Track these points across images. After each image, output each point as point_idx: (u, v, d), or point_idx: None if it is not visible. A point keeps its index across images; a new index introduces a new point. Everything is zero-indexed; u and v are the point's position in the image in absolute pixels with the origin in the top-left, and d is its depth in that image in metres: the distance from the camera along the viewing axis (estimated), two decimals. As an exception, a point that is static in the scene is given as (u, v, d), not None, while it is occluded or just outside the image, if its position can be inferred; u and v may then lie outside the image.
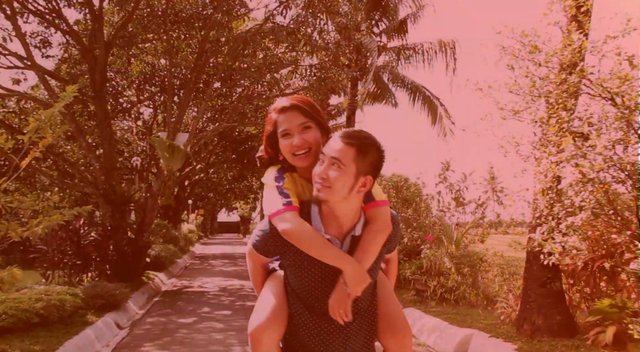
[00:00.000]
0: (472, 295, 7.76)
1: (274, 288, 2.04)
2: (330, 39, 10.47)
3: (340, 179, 1.79)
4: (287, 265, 1.99)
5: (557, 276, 5.53)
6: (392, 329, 2.01)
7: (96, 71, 11.18)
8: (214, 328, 7.10)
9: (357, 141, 1.80)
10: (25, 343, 5.08)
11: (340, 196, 1.81)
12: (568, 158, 3.62)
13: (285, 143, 1.95)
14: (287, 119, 1.96)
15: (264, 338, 1.89)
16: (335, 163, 1.79)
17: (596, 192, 3.64)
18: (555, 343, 5.03)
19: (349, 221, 1.90)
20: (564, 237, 3.88)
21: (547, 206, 4.09)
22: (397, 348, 1.99)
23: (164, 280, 12.49)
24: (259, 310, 1.97)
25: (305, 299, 1.96)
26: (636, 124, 3.64)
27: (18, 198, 4.83)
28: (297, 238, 1.85)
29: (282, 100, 2.03)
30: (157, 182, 10.88)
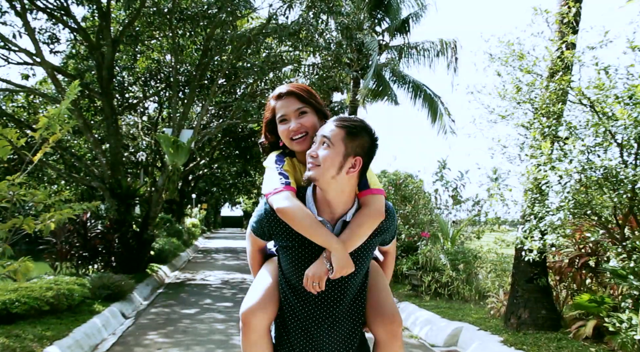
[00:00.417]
0: (465, 290, 8.02)
1: (269, 272, 2.09)
2: (332, 39, 10.68)
3: (329, 157, 1.84)
4: (280, 247, 2.02)
5: (544, 272, 5.78)
6: (381, 317, 2.01)
7: (103, 68, 11.43)
8: (215, 319, 7.38)
9: (347, 123, 1.87)
10: (37, 329, 5.37)
11: (329, 174, 1.85)
12: (546, 161, 3.86)
13: (283, 128, 2.02)
14: (284, 105, 2.02)
15: (254, 320, 1.93)
16: (325, 142, 1.85)
17: (575, 194, 3.88)
18: (540, 336, 5.29)
19: (341, 205, 1.92)
20: (544, 236, 4.12)
21: (529, 205, 4.33)
22: (386, 336, 2.00)
23: (167, 272, 12.78)
24: (252, 293, 2.02)
25: (293, 284, 1.99)
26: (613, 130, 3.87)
27: (31, 192, 5.11)
28: (291, 217, 1.87)
29: (280, 87, 2.10)
30: (162, 177, 11.16)
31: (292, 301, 1.99)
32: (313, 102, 2.06)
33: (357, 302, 2.03)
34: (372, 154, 1.94)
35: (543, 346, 4.85)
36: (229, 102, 12.93)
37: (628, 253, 3.94)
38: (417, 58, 16.72)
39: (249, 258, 2.20)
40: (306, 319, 1.97)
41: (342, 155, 1.84)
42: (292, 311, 1.99)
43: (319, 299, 1.96)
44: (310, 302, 1.97)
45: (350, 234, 1.89)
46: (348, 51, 10.99)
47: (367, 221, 1.92)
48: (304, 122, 2.01)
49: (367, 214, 1.93)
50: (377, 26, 16.58)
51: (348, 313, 2.01)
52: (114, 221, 10.67)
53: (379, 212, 1.95)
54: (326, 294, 1.96)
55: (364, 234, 1.92)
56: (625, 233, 4.20)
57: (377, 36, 16.54)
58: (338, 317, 1.99)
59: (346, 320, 2.01)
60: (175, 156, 10.46)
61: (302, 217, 1.86)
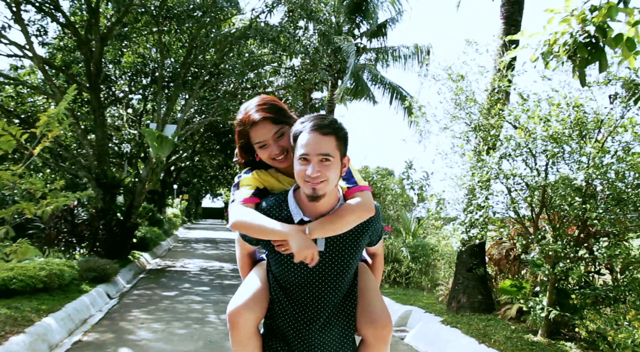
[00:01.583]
0: (422, 280, 8.88)
1: (257, 275, 2.09)
2: (310, 44, 11.39)
3: (333, 171, 1.83)
4: (268, 252, 2.03)
5: (482, 263, 6.64)
6: (371, 320, 2.00)
7: (92, 63, 11.97)
8: (193, 300, 8.11)
9: (331, 129, 1.84)
10: (33, 303, 6.03)
11: (334, 184, 1.87)
12: (470, 168, 4.67)
13: (264, 153, 2.02)
14: (261, 132, 1.99)
15: (240, 320, 1.94)
16: (325, 158, 1.81)
17: (489, 196, 4.72)
18: (474, 317, 6.15)
19: (326, 204, 1.91)
20: (469, 230, 4.95)
21: (461, 204, 5.15)
22: (375, 340, 1.99)
23: (148, 259, 13.42)
24: (239, 294, 2.02)
25: (285, 286, 2.00)
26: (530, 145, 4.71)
27: (30, 181, 5.77)
28: (241, 227, 1.94)
29: (250, 112, 2.02)
30: (145, 169, 11.79)
31: (283, 302, 2.00)
32: (285, 120, 2.03)
33: (347, 303, 2.04)
34: (347, 146, 1.95)
35: (473, 324, 5.71)
36: (211, 100, 13.58)
37: (541, 246, 4.79)
38: (393, 61, 17.55)
39: (239, 261, 2.22)
40: (297, 320, 1.97)
41: (339, 162, 1.86)
42: (283, 312, 2.00)
43: (309, 300, 1.97)
44: (301, 303, 1.98)
45: (326, 218, 1.89)
46: (324, 56, 11.70)
47: (354, 211, 1.91)
48: (283, 144, 2.00)
49: (357, 205, 1.92)
50: (356, 29, 17.33)
51: (339, 314, 2.02)
52: (99, 209, 11.28)
53: (369, 206, 1.95)
54: (315, 295, 1.96)
55: (342, 222, 1.89)
56: (539, 228, 5.05)
57: (356, 39, 17.33)
58: (329, 318, 1.99)
59: (337, 321, 2.01)
60: (159, 150, 11.10)
61: (250, 223, 1.91)
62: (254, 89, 13.03)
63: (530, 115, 4.44)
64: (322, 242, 1.93)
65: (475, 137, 5.16)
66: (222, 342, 5.59)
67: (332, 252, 1.94)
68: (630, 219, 4.55)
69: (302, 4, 10.15)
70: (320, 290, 1.96)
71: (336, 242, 1.94)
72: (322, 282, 1.96)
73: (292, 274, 1.96)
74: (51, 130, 6.29)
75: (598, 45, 2.67)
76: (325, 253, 1.93)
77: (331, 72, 14.33)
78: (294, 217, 1.91)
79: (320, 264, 1.94)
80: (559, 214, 4.94)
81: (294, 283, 1.97)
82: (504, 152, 4.57)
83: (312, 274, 1.95)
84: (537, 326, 5.19)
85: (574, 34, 2.70)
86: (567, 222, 4.94)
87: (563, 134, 4.30)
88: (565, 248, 4.37)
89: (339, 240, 1.94)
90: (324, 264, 1.94)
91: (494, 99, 5.12)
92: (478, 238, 5.02)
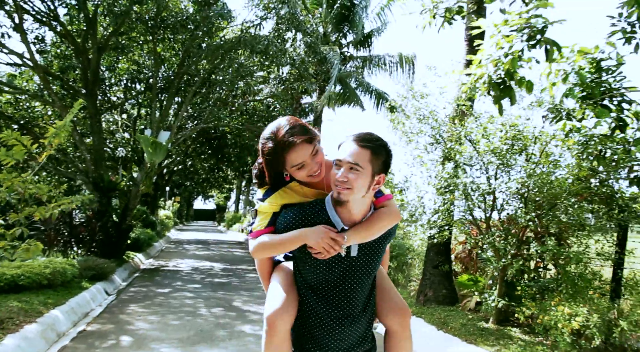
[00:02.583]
0: (398, 277, 9.58)
1: (282, 279, 2.20)
2: (297, 56, 12.07)
3: (360, 179, 1.94)
4: (298, 257, 2.15)
5: (447, 261, 7.35)
6: (395, 311, 2.18)
7: (89, 71, 12.57)
8: (185, 296, 8.76)
9: (371, 144, 1.96)
10: (40, 298, 6.66)
11: (360, 194, 1.98)
12: (427, 177, 5.39)
13: (302, 172, 2.05)
14: (300, 155, 2.01)
15: (279, 322, 2.03)
16: (354, 166, 1.94)
17: (447, 201, 5.43)
18: (438, 309, 6.86)
19: (361, 214, 2.06)
20: (426, 231, 5.66)
21: (422, 210, 5.87)
22: (400, 327, 2.17)
23: (142, 260, 14.02)
24: (273, 298, 2.11)
25: (316, 287, 2.13)
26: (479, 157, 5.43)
27: (38, 186, 6.41)
28: (261, 253, 2.12)
29: (285, 138, 2.00)
30: (140, 173, 12.41)
31: (313, 302, 2.12)
32: (314, 136, 2.06)
33: (369, 300, 2.20)
34: (390, 167, 2.07)
35: (436, 315, 6.42)
36: (203, 107, 14.23)
37: (488, 245, 5.50)
38: (379, 69, 18.31)
39: (259, 267, 2.31)
40: (329, 318, 2.10)
41: (370, 176, 1.96)
42: (314, 312, 2.12)
43: (340, 299, 2.11)
44: (332, 302, 2.12)
45: (359, 227, 2.03)
46: (310, 67, 12.38)
47: (385, 218, 2.08)
48: (319, 159, 2.06)
49: (387, 212, 2.09)
50: (343, 39, 18.07)
51: (365, 310, 2.17)
52: (96, 211, 11.89)
53: (398, 213, 2.14)
54: (346, 294, 2.11)
55: (378, 227, 2.06)
56: (490, 228, 5.77)
57: (343, 48, 18.06)
58: (357, 314, 2.14)
59: (363, 316, 2.17)
60: (153, 155, 11.75)
61: (268, 246, 2.08)
62: (244, 97, 13.69)
63: (474, 132, 5.16)
64: (356, 247, 2.07)
65: (434, 149, 5.89)
66: (212, 332, 6.25)
67: (363, 256, 2.09)
68: (569, 221, 5.28)
69: (289, 19, 10.83)
70: (351, 290, 2.11)
71: (367, 247, 2.09)
72: (354, 282, 2.10)
73: (326, 275, 2.08)
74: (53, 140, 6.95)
75: (508, 84, 3.39)
76: (357, 257, 2.08)
77: (317, 81, 15.04)
78: (337, 225, 2.04)
79: (353, 266, 2.09)
80: (508, 217, 5.67)
81: (327, 284, 2.10)
82: (458, 163, 5.28)
83: (345, 276, 2.09)
84: (489, 314, 5.91)
85: (490, 75, 3.41)
86: (513, 224, 5.67)
87: (501, 149, 5.03)
88: (506, 247, 5.09)
89: (369, 244, 2.09)
90: (356, 267, 2.09)
91: (452, 116, 5.84)
92: (437, 238, 5.72)
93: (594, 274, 5.91)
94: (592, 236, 5.45)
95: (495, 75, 3.32)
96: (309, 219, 2.04)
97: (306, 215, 2.05)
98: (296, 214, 2.05)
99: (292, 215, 2.05)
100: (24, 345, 4.88)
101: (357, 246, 2.06)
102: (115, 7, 10.53)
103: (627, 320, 4.16)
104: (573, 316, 4.36)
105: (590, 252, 5.44)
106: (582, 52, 4.12)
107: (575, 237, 5.51)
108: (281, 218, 2.07)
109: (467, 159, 5.31)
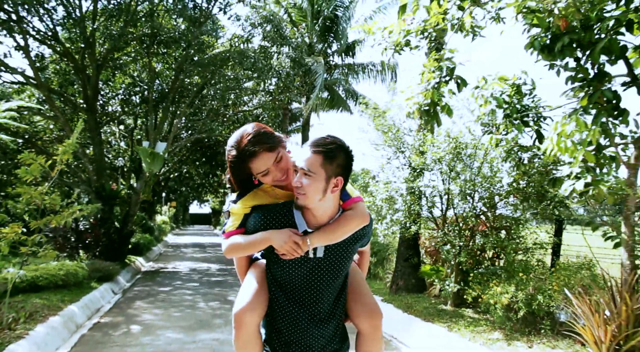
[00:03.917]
0: (378, 270, 10.55)
1: (255, 276, 2.21)
2: (282, 70, 13.02)
3: (313, 185, 1.93)
4: (267, 257, 2.18)
5: (416, 254, 8.32)
6: (366, 313, 2.18)
7: (88, 88, 13.47)
8: (185, 293, 9.69)
9: (322, 148, 1.94)
10: (57, 296, 7.57)
11: (315, 199, 1.97)
12: (385, 182, 6.38)
13: (267, 179, 2.09)
14: (263, 163, 2.04)
15: (245, 319, 2.06)
16: (307, 172, 1.93)
17: (408, 202, 6.41)
18: (407, 296, 7.83)
19: (325, 216, 2.05)
20: (390, 227, 6.64)
21: (387, 209, 6.84)
22: (370, 329, 2.17)
23: (142, 263, 14.93)
24: (242, 295, 2.14)
25: (284, 286, 2.14)
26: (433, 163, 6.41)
27: (52, 197, 7.34)
28: (232, 252, 2.15)
29: (246, 146, 2.05)
30: (140, 182, 13.33)
31: (282, 301, 2.14)
32: (277, 143, 2.08)
33: (339, 301, 2.19)
34: (351, 168, 2.04)
35: (404, 301, 7.38)
36: (196, 119, 15.15)
37: (442, 238, 6.47)
38: (363, 76, 19.31)
39: (237, 263, 2.32)
40: (296, 318, 2.12)
41: (324, 180, 1.95)
42: (282, 311, 2.14)
43: (307, 299, 2.12)
44: (300, 302, 2.13)
45: (324, 229, 2.04)
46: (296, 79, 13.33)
47: (351, 221, 2.07)
48: (283, 166, 2.08)
49: (353, 215, 2.08)
50: (328, 48, 19.05)
51: (333, 311, 2.17)
52: (99, 218, 12.79)
53: (365, 216, 2.11)
54: (314, 295, 2.12)
55: (343, 230, 2.06)
56: (445, 224, 6.74)
57: (328, 57, 19.05)
58: (325, 314, 2.15)
59: (332, 317, 2.17)
60: (151, 165, 12.66)
61: (237, 246, 2.11)
62: (235, 107, 14.62)
63: (426, 144, 6.14)
64: (322, 249, 2.07)
65: (396, 157, 6.86)
66: (209, 320, 7.19)
67: (330, 257, 2.09)
68: (508, 216, 6.26)
69: (273, 36, 11.78)
70: (318, 290, 2.11)
71: (335, 249, 2.09)
72: (320, 283, 2.11)
73: (293, 275, 2.10)
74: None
75: (434, 110, 4.37)
76: (324, 259, 2.09)
77: (302, 91, 16.02)
78: (299, 228, 2.05)
79: (320, 267, 2.09)
80: (460, 215, 6.65)
81: (294, 284, 2.11)
82: (413, 169, 6.26)
83: (311, 276, 2.10)
84: (448, 298, 6.88)
85: (420, 103, 4.38)
86: (464, 220, 6.66)
87: (443, 157, 6.01)
88: (455, 240, 6.05)
89: (337, 246, 2.09)
90: (322, 268, 2.09)
91: (411, 129, 6.83)
92: (400, 233, 6.69)
93: (539, 261, 6.92)
94: (529, 229, 6.44)
95: (424, 103, 4.27)
96: (275, 221, 2.08)
97: (273, 217, 2.09)
98: (264, 216, 2.09)
99: (260, 217, 2.10)
100: (52, 333, 5.80)
101: (323, 248, 2.08)
102: (112, 30, 11.42)
103: (543, 294, 5.12)
104: (503, 293, 5.33)
105: (527, 243, 6.43)
106: (502, 79, 5.11)
107: (512, 231, 6.49)
108: (251, 219, 2.13)
109: (425, 165, 6.27)
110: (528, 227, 6.41)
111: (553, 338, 5.18)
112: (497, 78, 5.11)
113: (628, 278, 4.09)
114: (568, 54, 4.15)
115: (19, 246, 6.83)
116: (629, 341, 3.86)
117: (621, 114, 4.15)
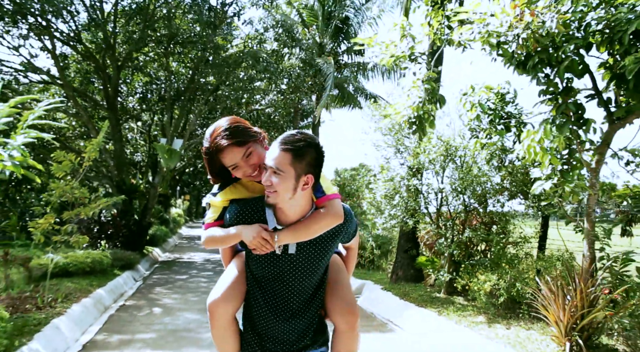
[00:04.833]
0: (382, 262, 11.19)
1: (237, 266, 2.22)
2: (293, 71, 13.64)
3: (282, 184, 1.91)
4: (245, 250, 2.17)
5: (415, 246, 8.94)
6: (343, 310, 2.16)
7: (109, 87, 14.24)
8: (200, 281, 10.42)
9: (291, 146, 1.91)
10: (86, 281, 8.34)
11: (285, 197, 1.95)
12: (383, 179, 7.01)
13: (239, 173, 2.08)
14: (231, 157, 2.04)
15: (219, 310, 2.08)
16: (275, 171, 1.91)
17: (403, 199, 7.04)
18: (405, 285, 8.46)
19: (297, 213, 2.03)
20: (388, 221, 7.27)
21: (386, 205, 7.47)
22: (347, 326, 2.16)
23: (159, 253, 15.73)
24: (218, 286, 2.16)
25: (259, 279, 2.14)
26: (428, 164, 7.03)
27: (82, 191, 8.08)
28: (210, 244, 2.14)
29: (216, 140, 2.05)
30: (158, 176, 14.09)
31: (256, 293, 2.14)
32: (250, 138, 2.08)
33: (316, 297, 2.18)
34: (321, 165, 2.01)
35: (402, 289, 8.02)
36: (211, 117, 15.85)
37: (435, 232, 7.09)
38: (372, 74, 19.88)
39: (221, 253, 2.34)
40: (267, 311, 2.12)
41: (293, 178, 1.92)
42: (256, 303, 2.15)
43: (280, 293, 2.12)
44: (272, 295, 2.13)
45: (293, 227, 2.02)
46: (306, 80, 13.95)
47: (322, 219, 2.04)
48: (253, 161, 2.06)
49: (325, 213, 2.05)
50: (338, 48, 19.64)
51: (307, 307, 2.16)
52: (120, 210, 13.59)
53: (337, 214, 2.07)
54: (286, 289, 2.12)
55: (314, 229, 2.03)
56: (440, 219, 7.36)
57: (338, 56, 19.64)
58: (297, 310, 2.14)
59: (305, 313, 2.16)
60: (169, 161, 13.42)
61: (214, 238, 2.11)
62: (247, 106, 15.31)
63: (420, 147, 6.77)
64: (294, 246, 2.06)
65: (396, 157, 7.50)
66: (223, 305, 7.88)
67: (304, 254, 2.08)
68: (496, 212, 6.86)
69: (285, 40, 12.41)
70: (291, 286, 2.11)
71: (308, 245, 2.07)
72: (293, 278, 2.10)
73: (267, 269, 2.09)
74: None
75: (420, 122, 4.99)
76: (297, 255, 2.08)
77: (313, 91, 16.64)
78: (269, 224, 2.04)
79: (293, 263, 2.08)
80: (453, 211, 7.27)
81: (268, 278, 2.11)
82: (410, 168, 6.88)
83: (284, 271, 2.09)
84: (441, 287, 7.51)
85: (409, 116, 5.01)
86: (457, 215, 7.26)
87: (435, 159, 6.62)
88: (447, 233, 6.66)
89: (311, 243, 2.07)
90: (296, 264, 2.09)
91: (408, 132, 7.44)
92: (397, 226, 7.33)
93: (527, 254, 7.51)
94: (514, 225, 7.04)
95: (411, 115, 4.89)
96: (249, 215, 2.08)
97: (247, 211, 2.08)
98: (238, 211, 2.10)
99: (234, 211, 2.11)
100: (85, 311, 6.55)
101: (295, 245, 2.07)
102: (133, 33, 12.13)
103: (521, 282, 5.72)
104: (487, 281, 5.94)
105: (513, 237, 7.03)
106: (488, 88, 5.71)
107: (500, 225, 7.10)
108: (227, 213, 2.14)
109: (420, 165, 6.89)
110: (514, 223, 7.01)
111: (529, 321, 5.79)
112: (484, 87, 5.71)
113: (586, 266, 4.69)
114: (539, 70, 4.74)
115: (52, 235, 7.61)
116: (583, 320, 4.45)
117: (585, 124, 4.73)
